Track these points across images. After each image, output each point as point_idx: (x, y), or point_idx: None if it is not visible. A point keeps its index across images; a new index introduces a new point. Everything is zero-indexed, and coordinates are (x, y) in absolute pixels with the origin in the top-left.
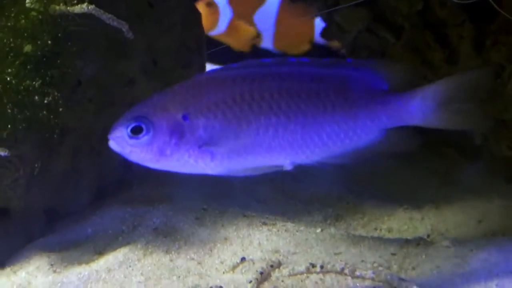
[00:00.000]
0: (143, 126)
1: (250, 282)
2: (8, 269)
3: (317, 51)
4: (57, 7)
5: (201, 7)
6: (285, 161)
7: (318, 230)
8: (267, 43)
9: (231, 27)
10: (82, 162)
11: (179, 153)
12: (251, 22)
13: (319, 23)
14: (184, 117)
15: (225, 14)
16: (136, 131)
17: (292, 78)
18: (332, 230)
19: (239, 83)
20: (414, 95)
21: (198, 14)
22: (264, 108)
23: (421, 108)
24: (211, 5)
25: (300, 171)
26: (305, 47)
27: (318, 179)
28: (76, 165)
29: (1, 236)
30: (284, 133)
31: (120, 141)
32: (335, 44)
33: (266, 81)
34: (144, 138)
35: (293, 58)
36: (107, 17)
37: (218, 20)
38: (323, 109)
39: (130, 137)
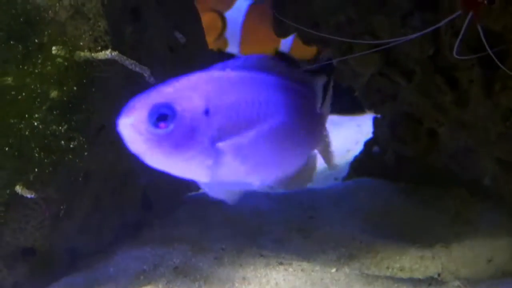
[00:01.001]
0: (169, 115)
1: None
2: None
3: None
4: (82, 54)
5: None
6: (257, 180)
7: (333, 270)
8: (232, 48)
9: None
10: (104, 202)
11: (194, 150)
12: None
13: None
14: (206, 112)
15: None
16: (160, 119)
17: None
18: (347, 269)
19: (249, 86)
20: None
21: (215, 58)
22: (268, 116)
23: None
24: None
25: (315, 211)
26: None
27: (332, 219)
28: (99, 206)
29: (27, 275)
30: (273, 148)
31: (135, 127)
32: (298, 54)
33: (272, 88)
34: (167, 128)
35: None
36: (130, 63)
37: None
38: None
39: (155, 126)
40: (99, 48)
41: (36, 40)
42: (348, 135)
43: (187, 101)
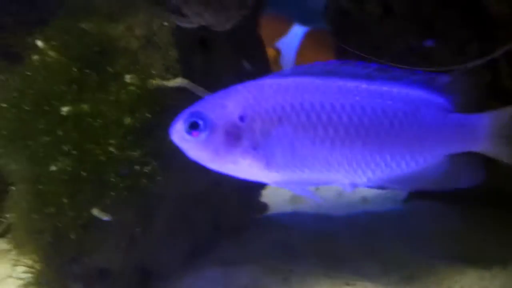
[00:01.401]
0: (200, 123)
1: None
2: None
3: None
4: (154, 82)
5: None
6: (344, 180)
7: None
8: None
9: None
10: (175, 225)
11: (234, 155)
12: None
13: None
14: (241, 118)
15: None
16: (193, 127)
17: (358, 91)
18: None
19: (300, 91)
20: (482, 118)
21: None
22: (323, 118)
23: (489, 132)
24: None
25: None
26: None
27: (393, 240)
28: (171, 228)
29: None
30: (342, 147)
31: (179, 136)
32: None
33: (330, 92)
34: (201, 135)
35: (360, 64)
36: (200, 90)
37: None
38: (388, 127)
39: (188, 132)
40: (170, 76)
41: (110, 69)
42: None
43: (221, 109)
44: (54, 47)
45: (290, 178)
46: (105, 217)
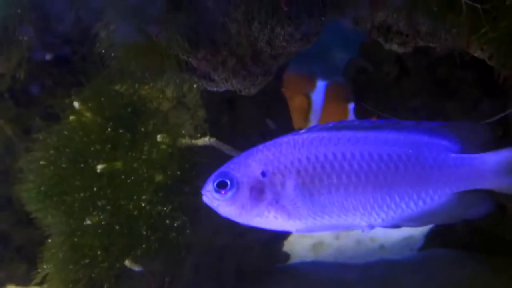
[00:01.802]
0: (228, 182)
1: None
2: None
3: None
4: (184, 141)
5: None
6: (361, 222)
7: None
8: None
9: None
10: (203, 274)
11: (259, 208)
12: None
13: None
14: (263, 174)
15: None
16: (221, 186)
17: (366, 141)
18: None
19: (315, 145)
20: (487, 158)
21: None
22: (336, 167)
23: (495, 171)
24: None
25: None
26: None
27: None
28: (198, 277)
29: None
30: (356, 193)
31: (209, 196)
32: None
33: (340, 143)
34: (228, 193)
35: (369, 121)
36: (226, 148)
37: None
38: (395, 171)
39: (216, 192)
40: (199, 135)
41: (142, 129)
42: None
43: (244, 167)
44: (90, 108)
45: (312, 226)
46: (137, 268)
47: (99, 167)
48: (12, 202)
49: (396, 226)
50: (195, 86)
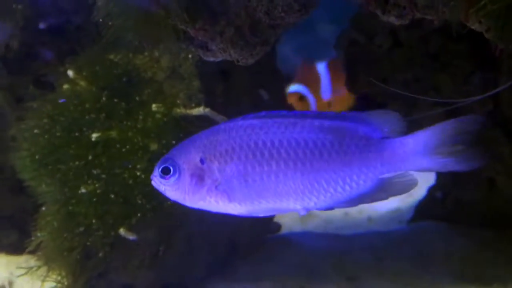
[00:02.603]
0: (170, 168)
1: None
2: None
3: None
4: (178, 110)
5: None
6: (296, 205)
7: None
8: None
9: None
10: (196, 244)
11: (200, 193)
12: None
13: None
14: (201, 161)
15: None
16: (165, 172)
17: (294, 128)
18: None
19: (248, 132)
20: (405, 141)
21: None
22: (266, 155)
23: (413, 153)
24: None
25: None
26: None
27: (399, 259)
28: (191, 247)
29: None
30: (286, 179)
31: (157, 180)
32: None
33: (271, 131)
34: (171, 178)
35: (297, 112)
36: (220, 118)
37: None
38: (319, 157)
39: (161, 177)
40: (193, 105)
41: (137, 98)
42: None
43: (186, 154)
44: (84, 77)
45: (252, 209)
46: (131, 236)
47: (94, 136)
48: (3, 170)
49: (330, 208)
50: (190, 56)
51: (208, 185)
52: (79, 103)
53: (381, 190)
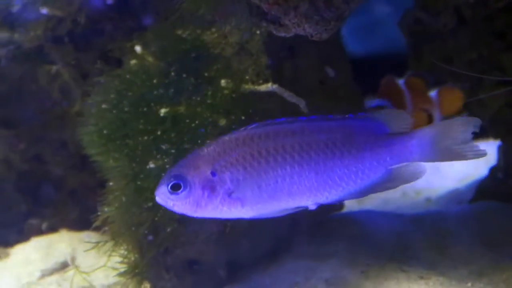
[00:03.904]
0: (181, 183)
1: None
2: None
3: None
4: (247, 86)
5: None
6: (307, 202)
7: (469, 284)
8: None
9: None
10: (259, 221)
11: (213, 204)
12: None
13: None
14: (213, 173)
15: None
16: (175, 188)
17: (303, 132)
18: (480, 284)
19: (256, 141)
20: (412, 136)
21: (359, 92)
22: (279, 160)
23: (418, 146)
24: None
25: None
26: None
27: (461, 238)
28: (255, 224)
29: (192, 284)
30: (300, 179)
31: (164, 197)
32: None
33: (280, 137)
34: (182, 193)
35: (303, 117)
36: (288, 95)
37: None
38: (332, 156)
39: (171, 193)
40: (261, 81)
41: (205, 74)
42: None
43: (195, 169)
44: (152, 53)
45: (264, 211)
46: None
47: (162, 111)
48: (66, 146)
49: (340, 200)
50: (258, 32)
51: (221, 195)
52: (147, 79)
53: (390, 180)
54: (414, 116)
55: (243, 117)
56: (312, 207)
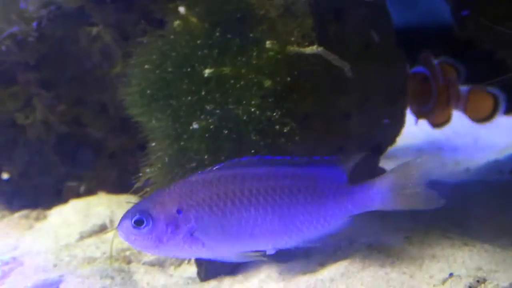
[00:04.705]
0: (144, 219)
1: None
2: (240, 276)
3: None
4: (292, 48)
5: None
6: (267, 246)
7: None
8: None
9: None
10: None
11: (175, 240)
12: None
13: None
14: (178, 211)
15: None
16: (138, 223)
17: (269, 176)
18: None
19: (223, 182)
20: (372, 185)
21: (403, 58)
22: (244, 202)
23: (379, 195)
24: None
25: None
26: None
27: (501, 208)
28: None
29: None
30: (264, 223)
31: (126, 231)
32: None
33: (246, 180)
34: (145, 228)
35: (268, 157)
36: (333, 58)
37: None
38: (296, 202)
39: (134, 227)
40: (307, 43)
41: (250, 35)
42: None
43: (161, 206)
44: (196, 13)
45: (225, 252)
46: None
47: (207, 72)
48: (106, 108)
49: (297, 246)
50: None
51: (184, 233)
52: (191, 39)
53: (349, 227)
54: (436, 108)
55: (288, 79)
56: (270, 251)
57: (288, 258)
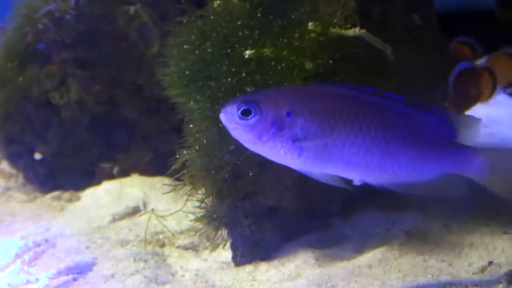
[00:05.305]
0: (252, 110)
1: (501, 283)
2: (275, 261)
3: None
4: (334, 30)
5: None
6: (357, 177)
7: None
8: None
9: None
10: None
11: (274, 142)
12: None
13: None
14: (288, 114)
15: None
16: (245, 113)
17: (385, 110)
18: None
19: (340, 101)
20: (479, 153)
21: (444, 42)
22: (355, 127)
23: (481, 165)
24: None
25: None
26: None
27: None
28: None
29: (270, 232)
30: (366, 153)
31: (229, 116)
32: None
33: (364, 106)
34: (251, 120)
35: (390, 93)
36: (375, 41)
37: None
38: (402, 144)
39: (239, 116)
40: (349, 26)
41: (292, 16)
42: None
43: (273, 103)
44: None
45: (315, 169)
46: None
47: (247, 53)
48: (142, 90)
49: (383, 187)
50: None
51: (286, 137)
52: (231, 20)
53: (436, 188)
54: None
55: (330, 61)
56: (357, 182)
57: (326, 244)
